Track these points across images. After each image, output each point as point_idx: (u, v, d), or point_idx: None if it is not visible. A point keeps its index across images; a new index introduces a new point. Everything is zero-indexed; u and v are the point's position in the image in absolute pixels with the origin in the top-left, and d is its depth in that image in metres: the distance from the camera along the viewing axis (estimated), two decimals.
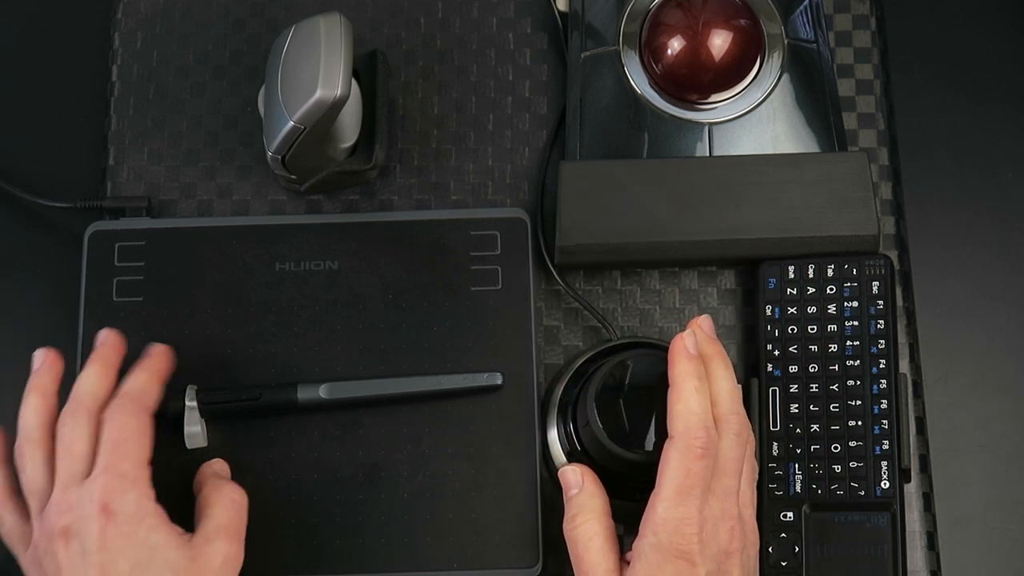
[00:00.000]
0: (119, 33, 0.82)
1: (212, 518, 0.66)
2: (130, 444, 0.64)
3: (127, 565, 0.61)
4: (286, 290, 0.76)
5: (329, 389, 0.73)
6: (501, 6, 0.83)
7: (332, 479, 0.73)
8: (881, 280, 0.74)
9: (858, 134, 0.80)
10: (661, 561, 0.61)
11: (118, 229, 0.77)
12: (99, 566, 0.60)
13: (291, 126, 0.71)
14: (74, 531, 0.61)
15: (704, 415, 0.63)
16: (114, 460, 0.63)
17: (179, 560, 0.62)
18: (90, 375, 0.67)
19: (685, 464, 0.62)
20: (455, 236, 0.77)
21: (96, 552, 0.61)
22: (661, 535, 0.61)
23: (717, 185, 0.75)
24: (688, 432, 0.62)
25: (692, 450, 0.62)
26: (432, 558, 0.72)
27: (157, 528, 0.62)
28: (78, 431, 0.64)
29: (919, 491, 0.74)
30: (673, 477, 0.62)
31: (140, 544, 0.61)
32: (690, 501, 0.61)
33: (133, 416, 0.65)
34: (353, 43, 0.71)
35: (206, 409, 0.72)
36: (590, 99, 0.79)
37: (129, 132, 0.81)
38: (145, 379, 0.68)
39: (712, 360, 0.66)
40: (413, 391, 0.73)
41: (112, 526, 0.61)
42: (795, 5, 0.81)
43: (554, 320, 0.77)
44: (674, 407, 0.63)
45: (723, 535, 0.62)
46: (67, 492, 0.63)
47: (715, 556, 0.62)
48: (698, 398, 0.63)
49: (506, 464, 0.73)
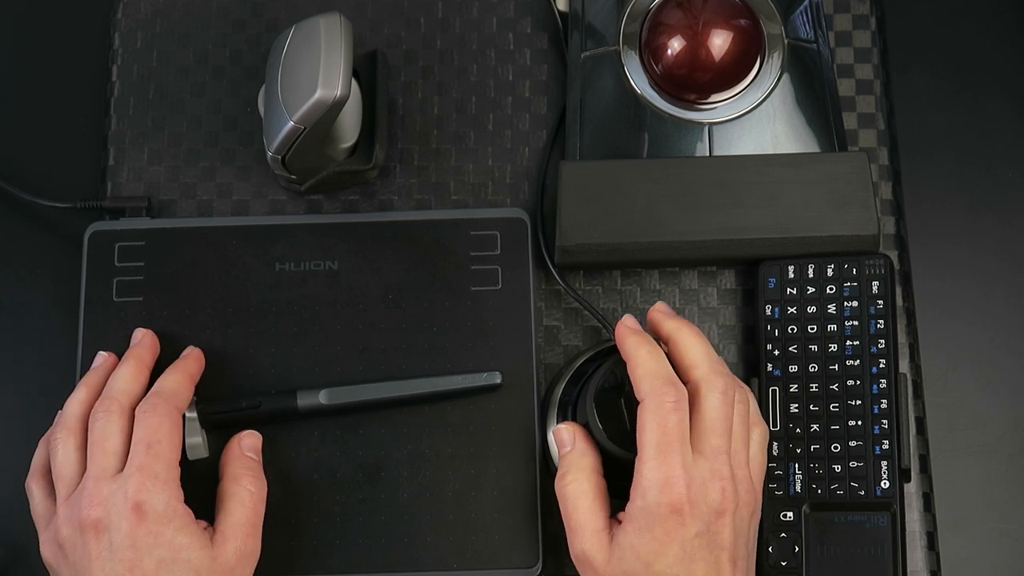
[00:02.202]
0: (119, 33, 0.82)
1: (229, 514, 0.67)
2: (163, 445, 0.66)
3: (153, 563, 0.63)
4: (286, 290, 0.76)
5: (329, 395, 0.73)
6: (501, 6, 0.83)
7: (332, 479, 0.73)
8: (881, 280, 0.74)
9: (858, 134, 0.80)
10: (651, 522, 0.62)
11: (118, 229, 0.77)
12: (127, 562, 0.63)
13: (291, 126, 0.71)
14: (104, 525, 0.63)
15: (666, 372, 0.64)
16: (148, 460, 0.65)
17: (201, 560, 0.64)
18: (124, 373, 0.70)
19: (659, 421, 0.63)
20: (455, 236, 0.77)
21: (125, 549, 0.63)
22: (649, 496, 0.62)
23: (717, 185, 0.75)
24: (655, 390, 0.63)
25: (663, 406, 0.63)
26: (432, 558, 0.72)
27: (183, 529, 0.64)
28: (111, 427, 0.66)
29: (919, 491, 0.74)
30: (651, 437, 0.63)
31: (167, 544, 0.64)
32: (672, 458, 0.62)
33: (167, 416, 0.67)
34: (353, 43, 0.71)
35: (207, 420, 0.72)
36: (590, 99, 0.79)
37: (129, 132, 0.81)
38: (178, 380, 0.70)
39: (677, 332, 0.67)
40: (413, 393, 0.73)
41: (143, 525, 0.63)
42: (795, 5, 0.81)
43: (554, 320, 0.77)
44: (635, 373, 0.65)
45: (713, 495, 0.62)
46: (99, 485, 0.64)
47: (705, 515, 0.62)
48: (654, 359, 0.65)
49: (506, 464, 0.73)
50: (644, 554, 0.62)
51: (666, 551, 0.62)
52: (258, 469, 0.70)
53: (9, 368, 0.78)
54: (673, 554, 0.62)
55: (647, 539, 0.62)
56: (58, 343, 0.76)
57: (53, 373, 0.75)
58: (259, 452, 0.71)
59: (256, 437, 0.71)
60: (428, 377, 0.74)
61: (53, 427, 0.69)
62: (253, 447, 0.71)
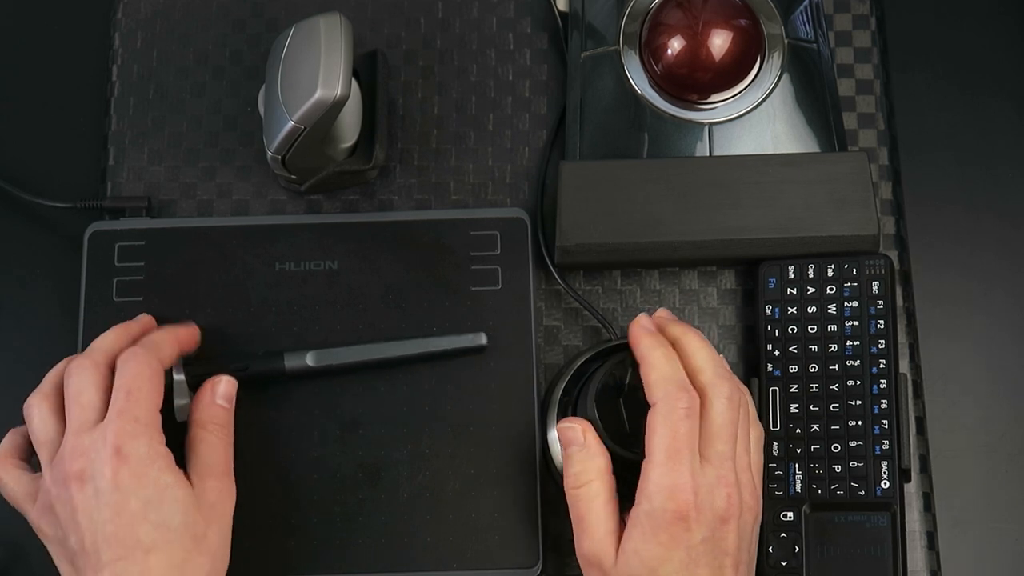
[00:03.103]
0: (119, 33, 0.82)
1: (199, 456, 0.67)
2: (143, 391, 0.65)
3: (139, 503, 0.63)
4: (286, 290, 0.76)
5: (316, 356, 0.73)
6: (501, 6, 0.83)
7: (332, 479, 0.73)
8: (881, 280, 0.74)
9: (858, 134, 0.80)
10: (656, 527, 0.62)
11: (118, 229, 0.77)
12: (112, 505, 0.63)
13: (291, 126, 0.71)
14: (88, 474, 0.63)
15: (680, 378, 0.64)
16: (128, 406, 0.64)
17: (187, 498, 0.65)
18: (106, 335, 0.70)
19: (670, 427, 0.62)
20: (455, 236, 0.77)
21: (109, 492, 0.63)
22: (655, 501, 0.62)
23: (717, 185, 0.75)
24: (668, 396, 0.63)
25: (675, 411, 0.63)
26: (432, 558, 0.72)
27: (167, 469, 0.64)
28: (84, 381, 0.66)
29: (919, 491, 0.74)
30: (660, 441, 0.62)
31: (151, 484, 0.64)
32: (681, 465, 0.62)
33: (146, 364, 0.66)
34: (353, 43, 0.71)
35: (194, 382, 0.72)
36: (590, 99, 0.79)
37: (129, 132, 0.81)
38: (163, 336, 0.70)
39: (683, 336, 0.67)
40: (399, 355, 0.74)
41: (125, 467, 0.63)
42: (795, 5, 0.81)
43: (554, 320, 0.77)
44: (649, 377, 0.64)
45: (719, 502, 0.62)
46: (79, 437, 0.64)
47: (710, 522, 0.62)
48: (669, 363, 0.65)
49: (506, 464, 0.73)
50: (649, 559, 0.62)
51: (671, 556, 0.62)
52: (226, 418, 0.69)
53: (9, 368, 0.78)
54: (678, 559, 0.61)
55: (652, 544, 0.62)
56: (58, 343, 0.76)
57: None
58: (232, 400, 0.70)
59: (232, 384, 0.70)
60: (415, 339, 0.74)
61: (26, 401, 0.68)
62: (226, 395, 0.70)
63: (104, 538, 0.63)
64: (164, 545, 0.63)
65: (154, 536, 0.63)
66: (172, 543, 0.63)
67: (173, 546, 0.63)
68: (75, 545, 0.64)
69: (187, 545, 0.64)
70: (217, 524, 0.66)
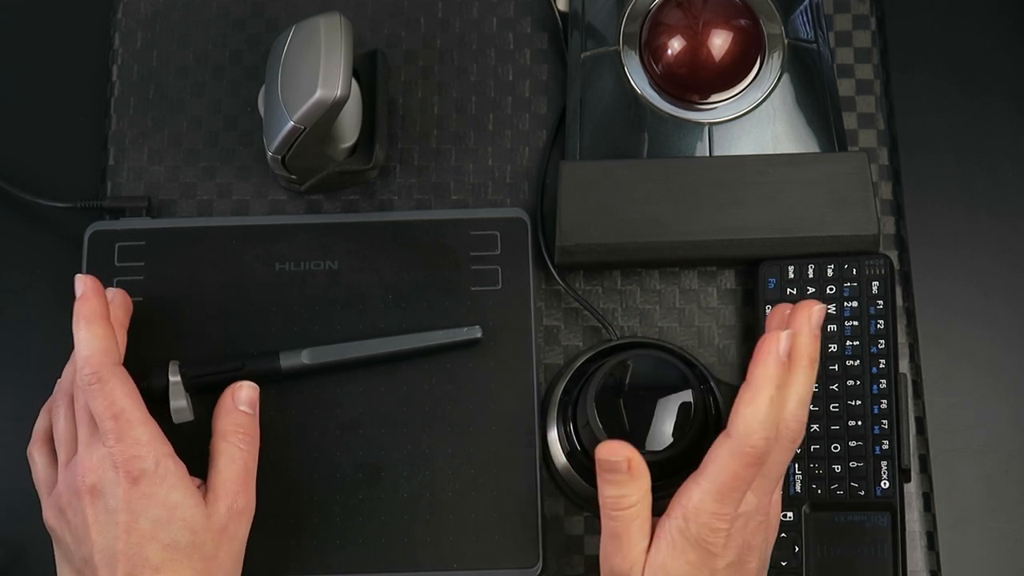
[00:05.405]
0: (119, 33, 0.82)
1: (219, 472, 0.68)
2: (127, 409, 0.65)
3: (148, 524, 0.64)
4: (286, 290, 0.76)
5: (311, 354, 0.73)
6: (501, 6, 0.83)
7: (332, 479, 0.73)
8: (881, 280, 0.74)
9: (858, 134, 0.80)
10: (686, 545, 0.61)
11: (118, 229, 0.77)
12: (123, 525, 0.64)
13: (291, 126, 0.71)
14: (99, 490, 0.65)
15: (769, 426, 0.60)
16: (124, 430, 0.65)
17: (196, 517, 0.65)
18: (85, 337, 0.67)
19: (735, 467, 0.60)
20: (455, 236, 0.77)
21: (121, 512, 0.64)
22: (692, 523, 0.61)
23: (717, 185, 0.75)
24: (748, 438, 0.60)
25: (745, 455, 0.60)
26: (432, 558, 0.72)
27: (176, 486, 0.65)
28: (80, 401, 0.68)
29: (919, 491, 0.74)
30: (718, 475, 0.60)
31: (161, 503, 0.64)
32: (729, 502, 0.61)
33: (110, 382, 0.66)
34: (353, 43, 0.71)
35: (191, 383, 0.72)
36: (590, 99, 0.79)
37: (129, 132, 0.81)
38: (99, 334, 0.67)
39: (801, 362, 0.62)
40: (395, 350, 0.74)
41: (136, 488, 0.64)
42: (795, 5, 0.81)
43: (554, 320, 0.77)
44: (741, 408, 0.60)
45: (751, 530, 0.62)
46: (90, 451, 0.66)
47: (738, 549, 0.62)
48: (770, 408, 0.60)
49: (506, 464, 0.73)
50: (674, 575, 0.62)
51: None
52: (250, 424, 0.70)
53: (9, 368, 0.78)
54: None
55: (680, 562, 0.61)
56: (58, 343, 0.76)
57: (53, 373, 0.74)
58: (255, 404, 0.70)
59: (253, 389, 0.71)
60: (409, 334, 0.74)
61: (53, 394, 0.71)
62: (249, 400, 0.70)
63: (113, 555, 0.64)
64: (172, 564, 0.64)
65: (163, 556, 0.64)
66: (180, 563, 0.64)
67: (182, 565, 0.64)
68: (84, 555, 0.65)
69: (196, 565, 0.65)
70: (228, 544, 0.66)
